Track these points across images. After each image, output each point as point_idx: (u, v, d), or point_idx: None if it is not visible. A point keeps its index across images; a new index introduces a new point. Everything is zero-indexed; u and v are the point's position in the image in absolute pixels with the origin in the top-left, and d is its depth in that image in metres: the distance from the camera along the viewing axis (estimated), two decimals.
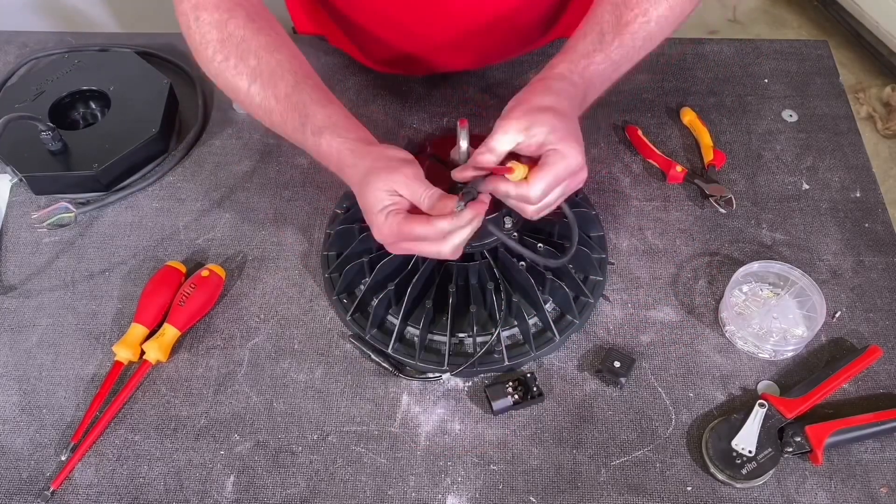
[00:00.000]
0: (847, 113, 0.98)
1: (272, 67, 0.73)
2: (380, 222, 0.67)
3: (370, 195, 0.67)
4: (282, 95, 0.72)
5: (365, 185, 0.67)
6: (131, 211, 0.89)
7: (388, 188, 0.66)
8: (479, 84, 1.00)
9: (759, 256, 0.84)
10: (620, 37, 0.73)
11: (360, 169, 0.68)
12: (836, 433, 0.71)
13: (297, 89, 0.72)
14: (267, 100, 0.73)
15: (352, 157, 0.69)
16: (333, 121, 0.71)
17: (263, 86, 0.73)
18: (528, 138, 0.67)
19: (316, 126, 0.71)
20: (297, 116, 0.72)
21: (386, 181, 0.66)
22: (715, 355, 0.78)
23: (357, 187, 0.69)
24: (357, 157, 0.69)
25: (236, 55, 0.74)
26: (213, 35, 0.74)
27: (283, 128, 0.74)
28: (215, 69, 0.75)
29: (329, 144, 0.70)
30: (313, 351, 0.78)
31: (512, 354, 0.76)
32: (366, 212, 0.68)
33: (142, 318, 0.78)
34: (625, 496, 0.70)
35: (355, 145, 0.70)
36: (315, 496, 0.70)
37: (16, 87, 0.96)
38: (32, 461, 0.72)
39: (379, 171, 0.67)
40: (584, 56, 0.72)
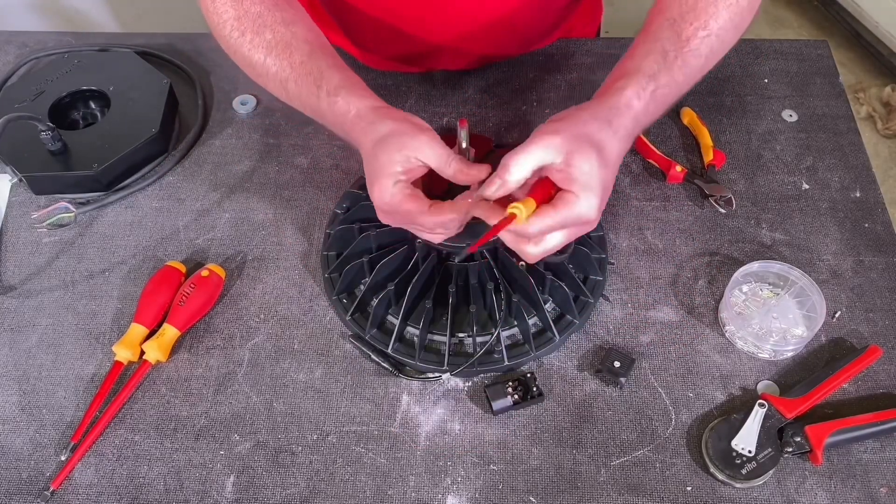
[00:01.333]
0: (847, 113, 0.98)
1: (287, 39, 0.73)
2: (383, 188, 0.64)
3: (383, 156, 0.64)
4: (297, 63, 0.72)
5: (382, 145, 0.64)
6: (131, 211, 0.89)
7: (405, 154, 0.64)
8: (479, 84, 1.00)
9: (759, 256, 0.84)
10: (683, 55, 0.67)
11: (380, 129, 0.66)
12: (836, 433, 0.71)
13: (313, 57, 0.72)
14: (282, 69, 0.72)
15: (372, 115, 0.67)
16: (350, 83, 0.70)
17: (279, 56, 0.72)
18: (563, 165, 0.61)
19: (332, 86, 0.70)
20: (311, 81, 0.71)
21: (407, 145, 0.64)
22: (715, 355, 0.78)
23: (370, 146, 0.66)
24: (377, 117, 0.67)
25: (252, 30, 0.74)
26: (229, 13, 0.75)
27: (299, 94, 0.73)
28: (233, 46, 0.75)
29: (347, 102, 0.68)
30: (313, 351, 0.78)
31: (512, 354, 0.76)
32: (372, 173, 0.65)
33: (142, 318, 0.78)
34: (625, 496, 0.70)
35: (376, 104, 0.68)
36: (315, 496, 0.70)
37: (16, 87, 0.96)
38: (32, 461, 0.72)
39: (402, 133, 0.64)
40: (651, 78, 0.66)
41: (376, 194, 0.66)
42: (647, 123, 0.68)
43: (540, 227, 0.61)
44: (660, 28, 0.69)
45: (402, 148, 0.64)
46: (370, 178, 0.66)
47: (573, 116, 0.64)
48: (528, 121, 0.96)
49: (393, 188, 0.64)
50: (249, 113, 0.97)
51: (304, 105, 0.74)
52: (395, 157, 0.64)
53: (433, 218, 0.65)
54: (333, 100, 0.69)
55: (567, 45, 1.04)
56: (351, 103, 0.69)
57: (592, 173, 0.61)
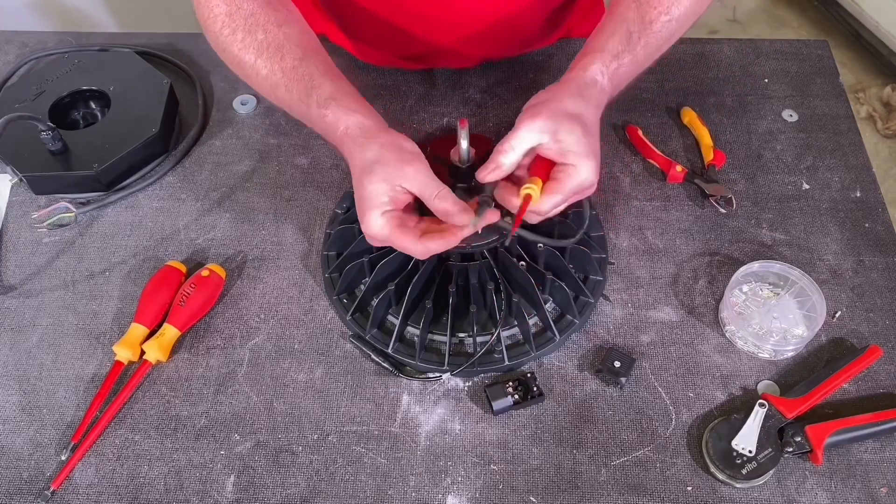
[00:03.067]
0: (847, 113, 0.98)
1: (279, 41, 0.72)
2: (371, 219, 0.65)
3: (370, 186, 0.64)
4: (288, 68, 0.71)
5: (368, 173, 0.65)
6: (131, 211, 0.89)
7: (392, 183, 0.64)
8: (479, 84, 1.00)
9: (759, 256, 0.84)
10: (646, 36, 0.72)
11: (367, 153, 0.66)
12: (836, 433, 0.71)
13: (305, 62, 0.71)
14: (273, 73, 0.71)
15: (360, 136, 0.67)
16: (341, 94, 0.70)
17: (270, 58, 0.71)
18: (552, 142, 0.65)
19: (322, 97, 0.69)
20: (302, 88, 0.70)
21: (393, 174, 0.64)
22: (715, 355, 0.78)
23: (358, 171, 0.66)
24: (366, 138, 0.67)
25: (244, 29, 0.72)
26: (221, 8, 0.74)
27: (289, 101, 0.72)
28: (222, 43, 0.74)
29: (336, 116, 0.68)
30: (313, 351, 0.78)
31: (512, 354, 0.76)
32: (360, 200, 0.66)
33: (142, 318, 0.78)
34: (625, 496, 0.70)
35: (365, 122, 0.68)
36: (315, 496, 0.70)
37: (16, 87, 0.96)
38: (32, 461, 0.72)
39: (388, 161, 0.65)
40: (614, 57, 0.71)
41: (365, 224, 0.66)
42: (613, 96, 0.73)
43: (553, 203, 0.66)
44: (626, 9, 0.73)
45: (387, 178, 0.64)
46: (359, 206, 0.67)
47: (549, 97, 0.68)
48: None
49: (381, 219, 0.65)
50: (249, 113, 0.97)
51: (294, 111, 0.73)
52: (381, 188, 0.64)
53: (422, 247, 0.66)
54: (323, 112, 0.69)
55: (567, 45, 1.04)
56: (340, 119, 0.68)
57: (581, 142, 0.66)
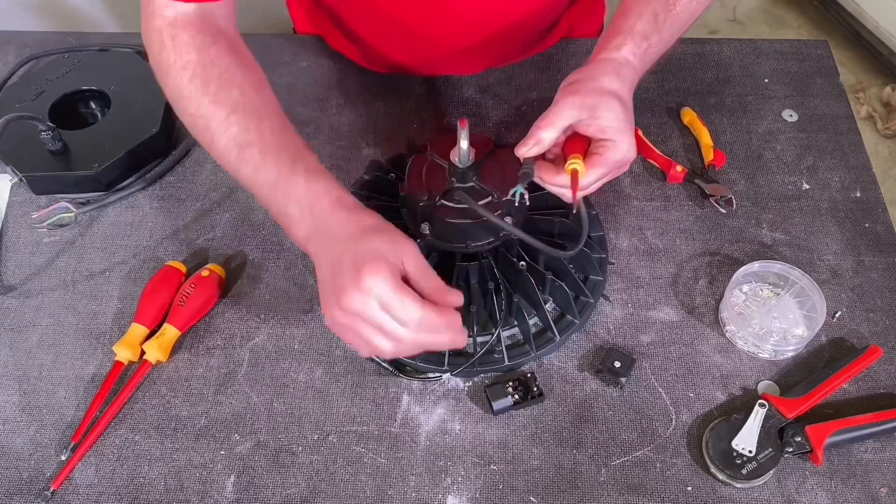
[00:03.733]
0: (847, 113, 0.98)
1: (256, 105, 0.69)
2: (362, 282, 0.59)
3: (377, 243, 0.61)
4: (267, 132, 0.67)
5: (376, 232, 0.62)
6: (131, 211, 0.89)
7: (395, 251, 0.61)
8: (480, 84, 1.00)
9: (759, 256, 0.84)
10: (671, 18, 0.74)
11: (369, 220, 0.63)
12: (836, 433, 0.71)
13: (286, 132, 0.68)
14: (246, 133, 0.67)
15: (356, 207, 0.65)
16: (327, 172, 0.67)
17: (246, 117, 0.67)
18: (591, 119, 0.67)
19: (311, 166, 0.66)
20: (285, 155, 0.66)
21: (399, 241, 0.62)
22: (715, 355, 0.78)
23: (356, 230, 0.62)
24: (363, 209, 0.65)
25: (217, 82, 0.69)
26: (191, 56, 0.70)
27: (258, 164, 0.67)
28: (188, 93, 0.69)
29: (328, 185, 0.65)
30: (313, 351, 0.78)
31: (512, 354, 0.76)
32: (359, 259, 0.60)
33: (142, 318, 0.78)
34: (625, 496, 0.70)
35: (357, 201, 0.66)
36: (315, 496, 0.70)
37: (16, 87, 0.96)
38: (32, 461, 0.72)
39: (392, 231, 0.63)
40: (644, 38, 0.72)
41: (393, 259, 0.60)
42: (642, 75, 0.74)
43: (596, 177, 0.67)
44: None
45: (394, 241, 0.62)
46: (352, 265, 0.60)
47: (586, 76, 0.70)
48: (528, 121, 0.96)
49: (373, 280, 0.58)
50: None
51: (261, 175, 0.67)
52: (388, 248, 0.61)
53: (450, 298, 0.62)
54: (314, 177, 0.65)
55: (568, 45, 1.04)
56: (332, 188, 0.65)
57: (620, 118, 0.67)
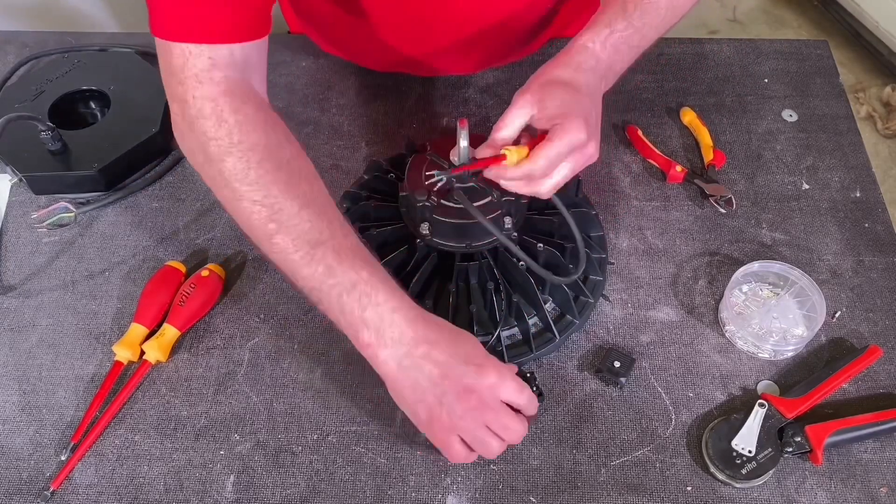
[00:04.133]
0: (847, 113, 0.98)
1: (323, 201, 0.68)
2: (488, 373, 0.65)
3: (477, 348, 0.67)
4: (338, 232, 0.66)
5: (464, 334, 0.68)
6: (131, 211, 0.89)
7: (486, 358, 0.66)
8: (479, 84, 1.00)
9: (759, 256, 0.84)
10: (642, 6, 0.73)
11: (468, 342, 0.67)
12: (836, 433, 0.71)
13: (349, 231, 0.68)
14: (320, 232, 0.65)
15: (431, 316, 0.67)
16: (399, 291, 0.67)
17: (317, 214, 0.66)
18: (541, 111, 0.67)
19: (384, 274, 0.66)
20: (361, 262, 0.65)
21: (502, 366, 0.67)
22: (715, 355, 0.78)
23: (448, 332, 0.67)
24: (442, 324, 0.68)
25: (287, 171, 0.67)
26: (259, 138, 0.66)
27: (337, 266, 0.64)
28: (253, 179, 0.65)
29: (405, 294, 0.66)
30: (313, 351, 0.78)
31: (512, 354, 0.75)
32: (459, 362, 0.65)
33: (142, 318, 0.78)
34: (625, 496, 0.70)
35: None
36: (315, 496, 0.70)
37: (16, 87, 0.96)
38: (32, 461, 0.72)
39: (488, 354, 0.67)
40: (606, 25, 0.72)
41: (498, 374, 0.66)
42: (618, 62, 0.73)
43: (543, 163, 0.66)
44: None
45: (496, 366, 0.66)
46: (481, 361, 0.66)
47: (538, 72, 0.71)
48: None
49: (504, 381, 0.66)
50: None
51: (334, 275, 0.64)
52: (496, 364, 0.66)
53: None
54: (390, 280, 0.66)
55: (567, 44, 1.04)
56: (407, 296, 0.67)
57: (566, 102, 0.67)
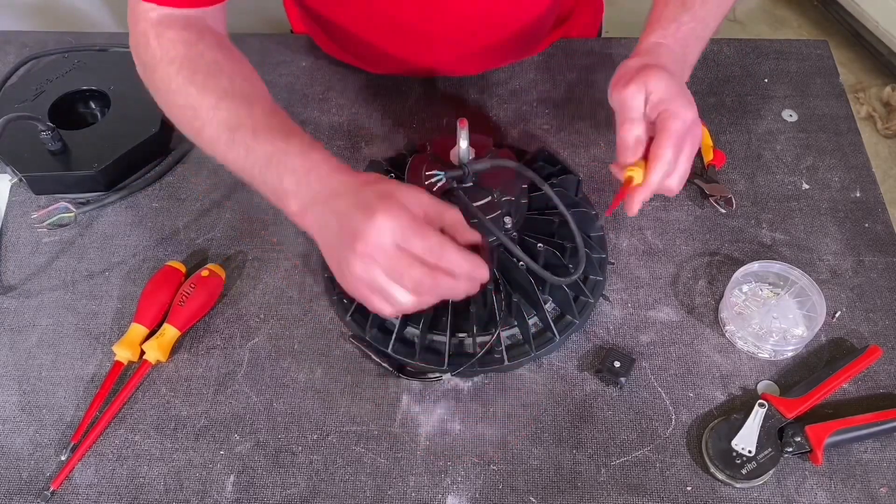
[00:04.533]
0: (847, 113, 0.98)
1: (247, 91, 0.70)
2: (411, 193, 0.60)
3: (377, 187, 0.60)
4: (258, 114, 0.68)
5: (377, 181, 0.62)
6: (131, 211, 0.89)
7: (404, 192, 0.60)
8: (479, 85, 1.00)
9: (759, 256, 0.84)
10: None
11: (369, 176, 0.63)
12: (836, 433, 0.71)
13: (277, 115, 0.69)
14: (237, 117, 0.68)
15: (355, 170, 0.65)
16: (323, 147, 0.67)
17: (235, 102, 0.68)
18: (648, 95, 0.68)
19: (307, 140, 0.66)
20: (278, 134, 0.66)
21: (406, 187, 0.61)
22: (715, 355, 0.78)
23: (364, 177, 0.63)
24: (362, 172, 0.65)
25: (205, 73, 0.70)
26: (178, 51, 0.71)
27: (250, 144, 0.67)
28: (176, 85, 0.71)
29: (325, 155, 0.65)
30: (313, 351, 0.78)
31: (512, 354, 0.76)
32: (381, 193, 0.59)
33: (142, 318, 0.78)
34: (625, 496, 0.70)
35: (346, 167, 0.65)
36: (315, 496, 0.70)
37: (16, 87, 0.96)
38: (32, 461, 0.72)
39: (399, 186, 0.61)
40: (671, 21, 0.74)
41: (404, 199, 0.59)
42: (690, 54, 0.75)
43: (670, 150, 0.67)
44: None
45: (401, 185, 0.62)
46: (370, 200, 0.59)
47: (618, 71, 0.72)
48: (528, 121, 0.97)
49: (424, 195, 0.61)
50: None
51: (252, 154, 0.67)
52: (400, 187, 0.61)
53: (472, 238, 0.63)
54: (309, 149, 0.65)
55: (567, 45, 1.04)
56: (330, 157, 0.65)
57: (669, 85, 0.68)
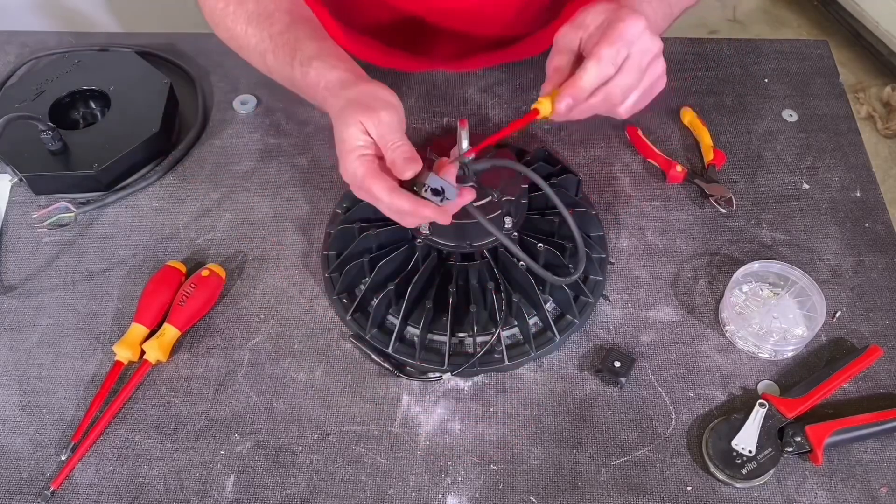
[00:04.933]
0: (847, 113, 0.98)
1: (269, 9, 0.73)
2: (347, 162, 0.65)
3: (344, 130, 0.64)
4: (275, 33, 0.72)
5: (340, 118, 0.65)
6: (131, 211, 0.89)
7: (362, 127, 0.64)
8: (479, 84, 1.00)
9: (759, 256, 0.84)
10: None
11: (341, 100, 0.66)
12: (836, 433, 0.71)
13: (291, 27, 0.72)
14: (262, 41, 0.73)
15: (337, 87, 0.68)
16: (325, 53, 0.70)
17: (259, 26, 0.73)
18: (583, 29, 0.67)
19: (305, 56, 0.70)
20: (288, 51, 0.71)
21: (361, 119, 0.64)
22: (715, 355, 0.78)
23: (335, 119, 0.67)
24: (342, 88, 0.67)
25: (235, 1, 0.75)
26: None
27: (277, 66, 0.73)
28: (217, 17, 0.76)
29: (318, 73, 0.69)
30: (313, 351, 0.78)
31: (512, 354, 0.76)
32: (337, 146, 0.66)
33: (142, 317, 0.78)
34: (625, 496, 0.70)
35: (344, 75, 0.68)
36: (315, 496, 0.70)
37: (16, 87, 0.96)
38: (32, 461, 0.72)
39: (357, 107, 0.64)
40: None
41: (341, 169, 0.66)
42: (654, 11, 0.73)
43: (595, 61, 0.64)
44: None
45: (356, 123, 0.64)
46: (337, 153, 0.66)
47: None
48: None
49: (355, 161, 0.64)
50: (249, 113, 0.97)
51: (282, 76, 0.74)
52: (353, 131, 0.64)
53: (389, 200, 0.64)
54: (306, 70, 0.70)
55: None
56: (321, 75, 0.69)
57: (609, 9, 0.66)
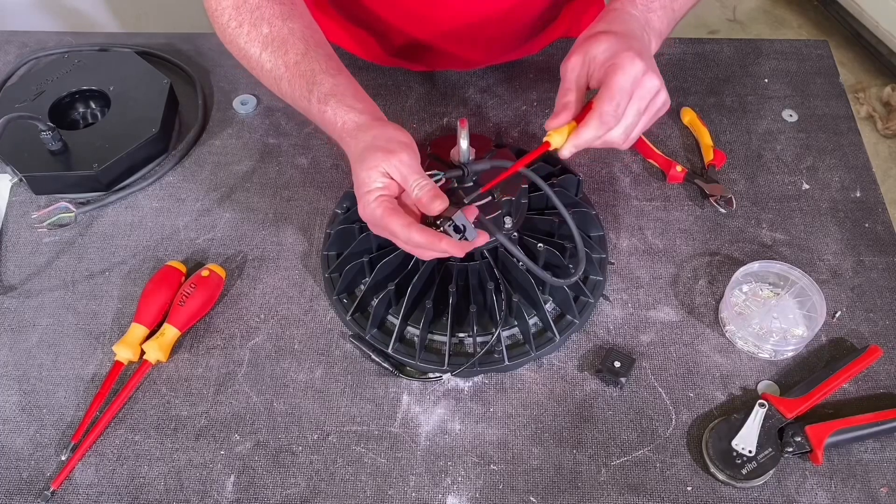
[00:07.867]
0: (847, 113, 0.98)
1: (284, 35, 0.74)
2: (365, 203, 0.67)
3: (363, 173, 0.67)
4: (291, 63, 0.73)
5: (360, 162, 0.67)
6: (131, 211, 0.89)
7: (382, 170, 0.66)
8: (479, 84, 1.00)
9: (759, 256, 0.84)
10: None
11: (360, 144, 0.68)
12: (836, 433, 0.71)
13: (307, 57, 0.73)
14: (277, 67, 0.74)
15: (354, 130, 0.69)
16: (341, 90, 0.71)
17: (274, 53, 0.74)
18: (591, 65, 0.69)
19: (322, 94, 0.71)
20: (304, 84, 0.72)
21: (381, 162, 0.66)
22: (715, 355, 0.78)
23: (353, 162, 0.69)
24: (359, 131, 0.69)
25: (249, 22, 0.75)
26: (228, 1, 0.76)
27: (292, 95, 0.74)
28: (230, 36, 0.76)
29: (334, 113, 0.70)
30: (313, 351, 0.78)
31: (512, 354, 0.76)
32: (356, 187, 0.68)
33: (142, 318, 0.78)
34: (625, 496, 0.70)
35: (360, 118, 0.70)
36: (315, 496, 0.70)
37: (16, 87, 0.96)
38: (32, 461, 0.72)
39: (376, 150, 0.66)
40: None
41: (360, 208, 0.68)
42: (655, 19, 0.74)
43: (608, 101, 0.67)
44: None
45: (376, 166, 0.66)
46: (356, 195, 0.69)
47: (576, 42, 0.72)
48: (528, 121, 0.97)
49: (372, 203, 0.66)
50: (249, 113, 0.97)
51: (296, 105, 0.75)
52: (372, 174, 0.66)
53: (406, 234, 0.66)
54: (322, 108, 0.71)
55: (568, 45, 1.03)
56: (338, 115, 0.70)
57: (612, 45, 0.68)
